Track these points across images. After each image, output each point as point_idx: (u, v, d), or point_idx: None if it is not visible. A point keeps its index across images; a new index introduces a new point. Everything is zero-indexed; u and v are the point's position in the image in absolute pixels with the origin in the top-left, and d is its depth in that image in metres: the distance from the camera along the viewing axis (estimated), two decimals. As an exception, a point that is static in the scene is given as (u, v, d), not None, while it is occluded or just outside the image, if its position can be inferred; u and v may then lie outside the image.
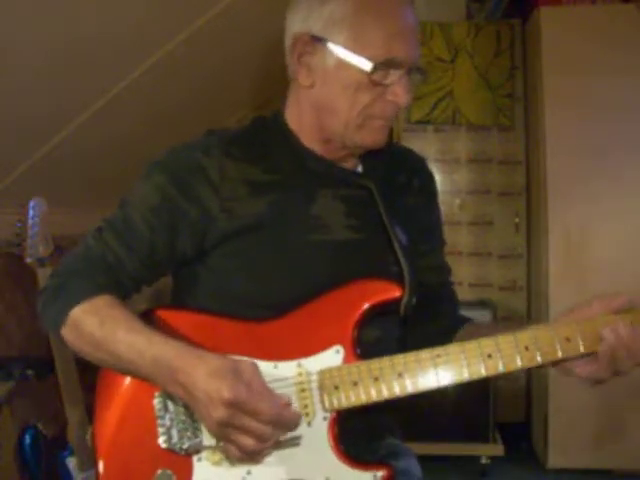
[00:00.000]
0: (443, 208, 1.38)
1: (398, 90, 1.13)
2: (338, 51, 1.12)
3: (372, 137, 1.17)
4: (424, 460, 1.33)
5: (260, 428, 1.00)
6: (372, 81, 1.12)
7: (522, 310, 3.50)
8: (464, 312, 1.38)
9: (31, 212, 1.96)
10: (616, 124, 3.00)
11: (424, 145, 3.45)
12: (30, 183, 2.42)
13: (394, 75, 1.12)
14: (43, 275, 1.92)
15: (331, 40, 1.12)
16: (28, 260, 1.95)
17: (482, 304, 3.17)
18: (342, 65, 1.12)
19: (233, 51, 2.79)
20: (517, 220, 3.50)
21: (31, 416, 2.38)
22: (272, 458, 1.07)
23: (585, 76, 2.99)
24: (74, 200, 2.74)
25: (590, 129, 3.01)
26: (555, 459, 3.05)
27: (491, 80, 3.47)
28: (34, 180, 2.45)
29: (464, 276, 3.43)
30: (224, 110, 3.34)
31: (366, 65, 1.10)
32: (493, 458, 3.05)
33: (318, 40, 1.13)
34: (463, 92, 3.46)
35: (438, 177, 3.44)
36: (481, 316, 2.81)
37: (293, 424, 1.05)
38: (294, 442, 1.08)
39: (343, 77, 1.13)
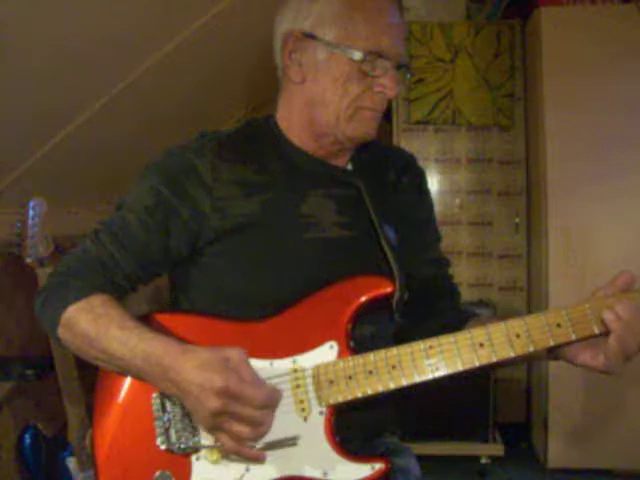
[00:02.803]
0: (443, 208, 1.39)
1: (386, 81, 1.17)
2: (328, 45, 1.16)
3: (363, 128, 1.20)
4: (424, 460, 1.34)
5: (252, 413, 1.02)
6: (361, 71, 1.15)
7: (522, 310, 3.49)
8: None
9: (31, 212, 1.96)
10: (616, 124, 2.99)
11: (424, 145, 3.46)
12: (30, 183, 2.42)
13: (382, 67, 1.16)
14: (43, 275, 1.92)
15: (321, 35, 1.16)
16: (28, 260, 1.95)
17: (482, 304, 3.17)
18: (332, 58, 1.16)
19: (231, 52, 2.79)
20: (517, 220, 3.49)
21: (31, 416, 2.39)
22: (269, 454, 1.08)
23: (585, 76, 2.99)
24: (74, 200, 2.74)
25: (590, 129, 3.00)
26: (555, 459, 3.05)
27: (491, 80, 3.47)
28: (34, 180, 2.45)
29: (464, 276, 3.43)
30: (222, 111, 3.34)
31: (355, 55, 1.14)
32: (493, 458, 3.05)
33: (308, 36, 1.17)
34: (463, 92, 3.46)
35: (438, 177, 3.45)
36: (481, 316, 2.81)
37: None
38: (291, 437, 1.08)
39: (333, 69, 1.17)
